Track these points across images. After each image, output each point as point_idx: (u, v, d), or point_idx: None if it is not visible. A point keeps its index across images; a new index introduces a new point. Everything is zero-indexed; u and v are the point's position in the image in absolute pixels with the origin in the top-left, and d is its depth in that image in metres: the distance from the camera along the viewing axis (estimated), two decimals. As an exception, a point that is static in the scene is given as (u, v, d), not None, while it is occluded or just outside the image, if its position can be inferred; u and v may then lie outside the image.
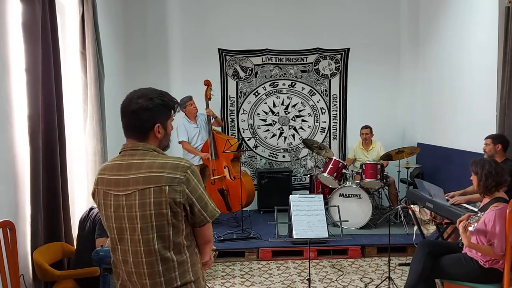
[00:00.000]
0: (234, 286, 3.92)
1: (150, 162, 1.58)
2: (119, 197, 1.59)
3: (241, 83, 6.36)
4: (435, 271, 3.04)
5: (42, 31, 2.95)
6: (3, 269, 2.46)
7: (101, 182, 1.65)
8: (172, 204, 1.54)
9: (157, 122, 1.63)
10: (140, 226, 1.56)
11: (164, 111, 1.66)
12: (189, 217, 1.61)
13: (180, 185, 1.55)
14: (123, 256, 1.62)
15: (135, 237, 1.57)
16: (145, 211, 1.55)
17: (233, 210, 5.31)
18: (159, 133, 1.64)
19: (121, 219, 1.59)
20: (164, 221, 1.55)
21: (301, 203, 3.49)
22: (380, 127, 6.01)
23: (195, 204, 1.59)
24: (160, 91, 1.67)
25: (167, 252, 1.57)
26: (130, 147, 1.63)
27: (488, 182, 2.93)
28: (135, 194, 1.56)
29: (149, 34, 6.13)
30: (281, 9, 6.27)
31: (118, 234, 1.61)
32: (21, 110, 2.89)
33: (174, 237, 1.58)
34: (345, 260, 4.52)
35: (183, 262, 1.61)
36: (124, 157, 1.63)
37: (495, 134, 3.84)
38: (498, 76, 4.12)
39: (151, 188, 1.54)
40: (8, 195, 2.77)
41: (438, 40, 5.66)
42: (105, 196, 1.63)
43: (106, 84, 4.16)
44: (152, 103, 1.61)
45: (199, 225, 1.64)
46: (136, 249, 1.58)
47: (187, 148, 5.30)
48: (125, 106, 1.63)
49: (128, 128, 1.65)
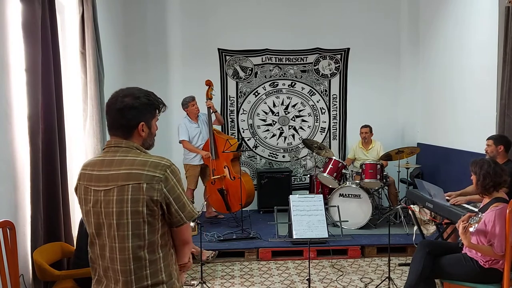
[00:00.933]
0: (234, 286, 3.92)
1: (131, 159, 1.59)
2: (98, 192, 1.60)
3: (241, 83, 6.36)
4: (435, 271, 3.04)
5: (42, 31, 2.95)
6: (3, 269, 2.46)
7: (83, 177, 1.66)
8: (149, 202, 1.55)
9: (141, 121, 1.64)
10: (116, 223, 1.56)
11: (149, 110, 1.67)
12: (165, 216, 1.61)
13: (158, 184, 1.55)
14: (101, 251, 1.63)
15: (111, 233, 1.58)
16: (121, 207, 1.55)
17: (233, 210, 5.31)
18: (143, 131, 1.66)
19: (98, 214, 1.60)
20: (139, 219, 1.56)
21: (301, 203, 3.49)
22: (380, 127, 6.01)
23: (172, 204, 1.58)
24: (146, 91, 1.69)
25: (141, 251, 1.57)
26: (113, 143, 1.64)
27: (486, 182, 2.93)
28: (114, 190, 1.57)
29: (149, 34, 6.13)
30: (281, 9, 6.27)
31: (96, 229, 1.62)
32: (21, 110, 2.90)
33: (149, 236, 1.58)
34: (345, 260, 4.52)
35: (155, 261, 1.60)
36: (107, 153, 1.64)
37: (496, 134, 3.81)
38: (498, 76, 4.12)
39: (130, 185, 1.55)
40: (8, 195, 2.78)
41: (438, 40, 5.66)
42: (85, 191, 1.64)
43: (106, 84, 4.16)
44: (138, 102, 1.63)
45: (176, 225, 1.63)
46: (112, 245, 1.59)
47: (187, 147, 5.30)
48: (111, 104, 1.64)
49: (112, 126, 1.66)
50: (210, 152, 5.24)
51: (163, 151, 4.49)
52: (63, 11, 3.93)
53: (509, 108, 3.89)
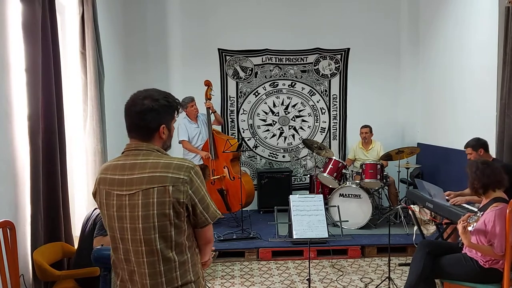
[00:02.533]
0: (234, 286, 3.92)
1: (154, 162, 1.58)
2: (122, 196, 1.59)
3: (241, 83, 6.36)
4: (435, 271, 3.04)
5: (42, 31, 2.95)
6: (3, 269, 2.46)
7: (104, 181, 1.65)
8: (175, 205, 1.55)
9: (162, 123, 1.63)
10: (142, 226, 1.56)
11: (169, 112, 1.66)
12: (191, 217, 1.61)
13: (184, 185, 1.55)
14: (125, 255, 1.62)
15: (137, 237, 1.57)
16: (147, 211, 1.55)
17: (233, 210, 5.31)
18: (164, 134, 1.65)
19: (123, 219, 1.59)
20: (166, 221, 1.56)
21: (301, 203, 3.49)
22: (380, 127, 6.01)
23: (197, 205, 1.59)
24: (164, 92, 1.68)
25: (169, 252, 1.58)
26: (133, 147, 1.63)
27: (475, 184, 2.94)
28: (139, 194, 1.56)
29: (149, 34, 6.13)
30: (281, 9, 6.27)
31: (120, 233, 1.61)
32: (21, 110, 2.89)
33: (176, 237, 1.58)
34: (345, 260, 4.52)
35: (184, 263, 1.61)
36: (128, 157, 1.63)
37: (471, 141, 3.77)
38: (498, 76, 4.12)
39: (155, 188, 1.54)
40: (8, 195, 2.77)
41: (438, 40, 5.66)
42: (107, 196, 1.63)
43: (106, 84, 4.16)
44: (157, 104, 1.61)
45: (201, 226, 1.64)
46: (138, 249, 1.58)
47: (187, 147, 5.30)
48: (130, 106, 1.63)
49: (132, 128, 1.64)
50: (210, 153, 5.24)
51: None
52: (63, 11, 3.93)
53: (509, 108, 3.89)
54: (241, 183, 5.05)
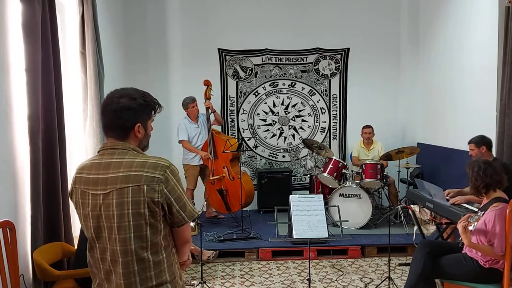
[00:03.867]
0: (234, 286, 3.92)
1: (129, 161, 1.58)
2: (97, 196, 1.58)
3: (241, 83, 6.36)
4: (435, 271, 3.04)
5: (42, 31, 2.95)
6: (3, 269, 2.46)
7: (79, 181, 1.64)
8: (150, 204, 1.54)
9: (138, 122, 1.63)
10: (117, 226, 1.55)
11: (146, 111, 1.66)
12: (167, 217, 1.61)
13: (159, 185, 1.55)
14: (102, 254, 1.62)
15: (112, 236, 1.57)
16: (122, 210, 1.54)
17: (233, 210, 5.31)
18: (139, 133, 1.64)
19: (98, 217, 1.59)
20: (141, 221, 1.55)
21: (301, 203, 3.49)
22: (380, 127, 6.00)
23: (173, 204, 1.58)
24: (142, 91, 1.67)
25: (144, 252, 1.57)
26: (109, 146, 1.63)
27: (477, 184, 2.94)
28: (113, 193, 1.55)
29: (149, 34, 6.13)
30: (281, 9, 6.27)
31: (96, 232, 1.61)
32: (21, 110, 2.89)
33: (152, 237, 1.58)
34: (345, 260, 4.52)
35: (159, 262, 1.60)
36: (103, 156, 1.62)
37: (476, 137, 3.80)
38: (498, 76, 4.11)
39: (130, 187, 1.54)
40: (8, 195, 2.78)
41: (438, 40, 5.66)
42: (82, 195, 1.63)
43: (106, 84, 4.16)
44: (134, 102, 1.61)
45: (177, 225, 1.63)
46: (113, 248, 1.58)
47: (187, 147, 5.30)
48: (106, 104, 1.62)
49: (108, 127, 1.64)
50: (209, 153, 5.23)
51: (163, 151, 4.50)
52: (63, 11, 3.93)
53: (509, 108, 3.89)
54: (241, 183, 5.05)
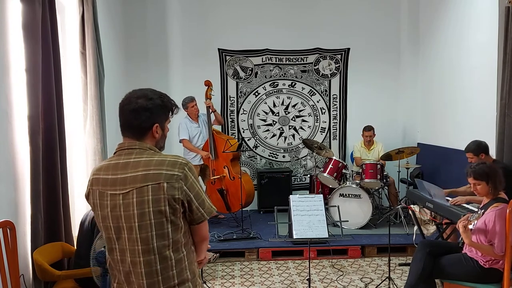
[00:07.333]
0: (234, 286, 3.92)
1: (147, 160, 1.58)
2: (116, 196, 1.58)
3: (241, 83, 6.36)
4: (435, 271, 3.04)
5: (42, 31, 2.95)
6: (3, 269, 2.46)
7: (96, 182, 1.64)
8: (171, 201, 1.55)
9: (155, 122, 1.64)
10: (138, 225, 1.55)
11: (163, 112, 1.66)
12: (187, 214, 1.61)
13: (178, 182, 1.55)
14: (121, 256, 1.61)
15: (133, 236, 1.57)
16: (143, 209, 1.54)
17: (233, 210, 5.31)
18: (157, 133, 1.65)
19: (118, 218, 1.58)
20: (163, 218, 1.55)
21: (301, 203, 3.49)
22: (380, 127, 6.00)
23: (193, 201, 1.59)
24: (159, 92, 1.68)
25: (166, 250, 1.57)
26: (126, 146, 1.63)
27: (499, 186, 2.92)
28: (133, 192, 1.55)
29: (149, 34, 6.13)
30: (281, 9, 6.27)
31: (116, 233, 1.60)
32: (21, 110, 2.89)
33: (173, 234, 1.58)
34: (345, 260, 4.52)
35: (180, 260, 1.61)
36: (120, 156, 1.63)
37: (471, 145, 3.74)
38: (498, 76, 4.11)
39: (149, 185, 1.54)
40: (8, 195, 2.77)
41: (438, 40, 5.66)
42: (100, 196, 1.62)
43: (106, 84, 4.16)
44: (152, 103, 1.62)
45: (197, 222, 1.64)
46: (134, 248, 1.57)
47: (188, 146, 5.30)
48: (124, 104, 1.63)
49: (125, 127, 1.65)
50: (210, 152, 5.24)
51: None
52: (63, 11, 3.93)
53: (509, 108, 3.89)
54: (241, 183, 5.05)
